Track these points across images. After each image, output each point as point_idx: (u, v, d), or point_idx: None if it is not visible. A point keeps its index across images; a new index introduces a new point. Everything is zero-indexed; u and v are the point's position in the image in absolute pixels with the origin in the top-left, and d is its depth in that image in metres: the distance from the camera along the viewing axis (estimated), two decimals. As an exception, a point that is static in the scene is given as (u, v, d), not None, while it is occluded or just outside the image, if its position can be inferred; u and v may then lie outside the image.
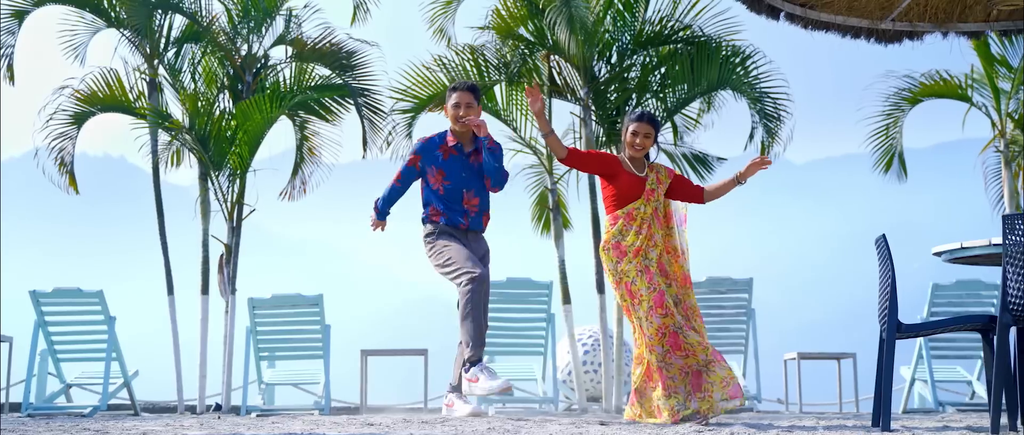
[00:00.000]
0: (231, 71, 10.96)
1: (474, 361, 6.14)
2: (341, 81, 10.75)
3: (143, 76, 10.63)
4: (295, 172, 11.69)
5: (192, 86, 10.94)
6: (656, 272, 6.24)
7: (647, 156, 6.53)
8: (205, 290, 10.60)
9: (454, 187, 6.42)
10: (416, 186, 6.66)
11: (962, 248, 5.45)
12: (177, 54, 10.95)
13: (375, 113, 10.93)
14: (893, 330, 5.47)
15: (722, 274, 10.26)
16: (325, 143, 11.66)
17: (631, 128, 6.39)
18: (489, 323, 10.12)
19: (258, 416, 9.51)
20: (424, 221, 6.51)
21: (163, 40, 10.86)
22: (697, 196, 6.49)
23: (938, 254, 5.75)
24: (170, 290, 10.51)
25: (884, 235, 5.66)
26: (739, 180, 6.39)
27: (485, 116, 11.28)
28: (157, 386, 11.03)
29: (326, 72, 11.00)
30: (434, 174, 6.43)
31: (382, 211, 6.68)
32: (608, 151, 6.60)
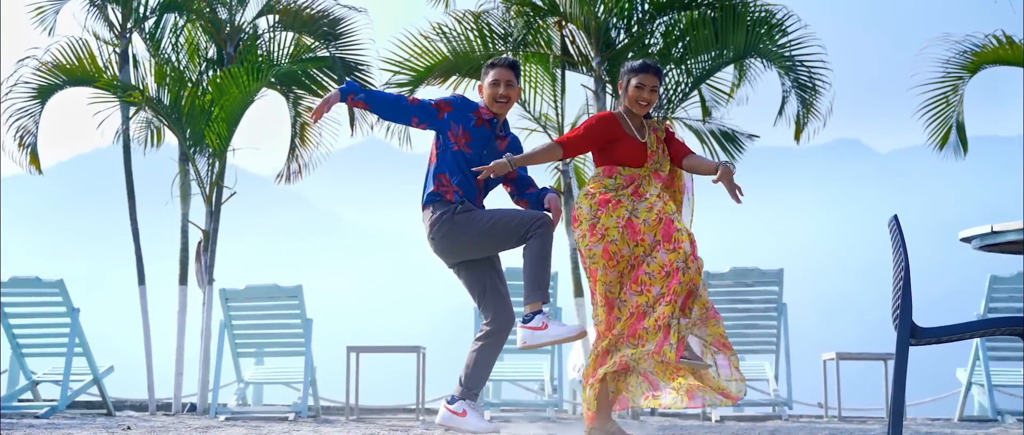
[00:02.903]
0: (216, 43, 10.10)
1: (539, 309, 5.31)
2: (327, 52, 9.81)
3: (114, 47, 9.80)
4: (291, 153, 10.81)
5: (174, 59, 10.09)
6: (648, 222, 5.33)
7: (647, 116, 5.65)
8: (183, 280, 9.76)
9: (474, 158, 5.44)
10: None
11: (993, 233, 4.32)
12: (157, 24, 10.10)
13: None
14: (906, 335, 4.37)
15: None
16: (323, 122, 10.77)
17: (634, 81, 5.53)
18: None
19: (226, 419, 8.67)
20: (431, 199, 5.39)
21: (142, 7, 10.02)
22: (677, 158, 5.62)
23: (966, 240, 4.62)
24: (141, 280, 9.69)
25: (896, 216, 4.54)
26: (715, 176, 5.45)
27: None
28: (138, 384, 10.20)
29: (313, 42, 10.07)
30: (458, 134, 5.43)
31: (353, 92, 5.31)
32: (606, 112, 5.58)
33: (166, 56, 10.08)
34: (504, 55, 8.57)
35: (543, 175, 10.83)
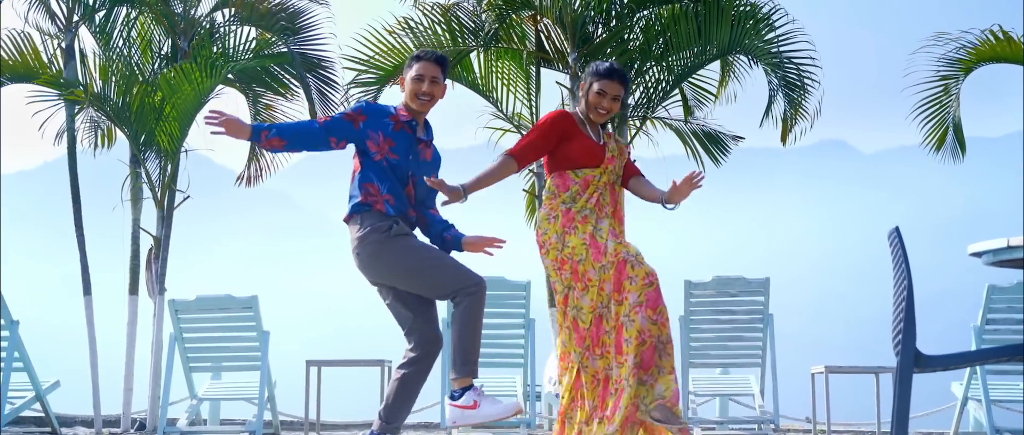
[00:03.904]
0: (171, 38, 9.55)
1: (469, 385, 4.85)
2: (285, 48, 9.27)
3: (60, 42, 9.23)
4: (252, 153, 10.27)
5: (126, 54, 9.52)
6: (608, 246, 4.93)
7: (604, 124, 5.23)
8: (133, 290, 9.21)
9: (400, 163, 4.90)
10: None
11: (1009, 248, 3.79)
12: (107, 17, 9.53)
13: (326, 85, 9.43)
14: (910, 364, 3.85)
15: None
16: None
17: (596, 87, 5.07)
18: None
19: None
20: (359, 209, 4.86)
21: (92, -1, 9.48)
22: (626, 175, 5.29)
23: (976, 255, 4.10)
24: (87, 290, 9.12)
25: (898, 228, 4.01)
26: (665, 203, 5.11)
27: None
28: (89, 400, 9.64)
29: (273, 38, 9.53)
30: (379, 142, 4.88)
31: (265, 129, 4.75)
32: (559, 109, 5.15)
33: (118, 51, 9.52)
34: (431, 49, 8.01)
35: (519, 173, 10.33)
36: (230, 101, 10.07)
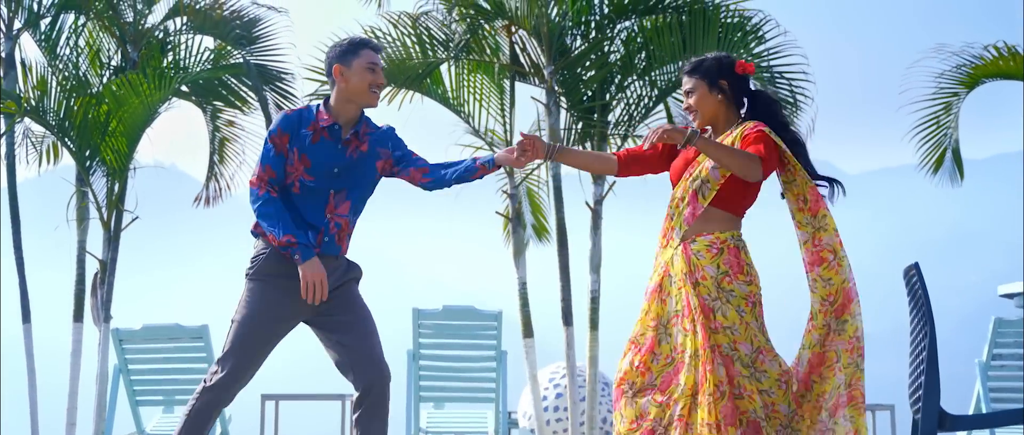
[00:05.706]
0: (121, 48, 8.96)
1: None
2: (241, 58, 8.69)
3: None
4: (211, 172, 9.66)
5: (73, 65, 8.92)
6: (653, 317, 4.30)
7: (744, 116, 4.40)
8: (78, 317, 8.59)
9: (318, 186, 4.28)
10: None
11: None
12: (53, 24, 8.94)
13: (283, 98, 8.84)
14: (933, 424, 3.27)
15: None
16: (248, 137, 9.66)
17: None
18: (427, 364, 8.17)
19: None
20: (255, 234, 4.35)
21: (36, 5, 8.87)
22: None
23: (1008, 296, 3.52)
24: (27, 317, 8.51)
25: (917, 264, 3.44)
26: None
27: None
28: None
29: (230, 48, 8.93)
30: (295, 162, 4.27)
31: (304, 245, 4.23)
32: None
33: (64, 61, 8.93)
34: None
35: (493, 191, 9.75)
36: (184, 116, 9.46)
